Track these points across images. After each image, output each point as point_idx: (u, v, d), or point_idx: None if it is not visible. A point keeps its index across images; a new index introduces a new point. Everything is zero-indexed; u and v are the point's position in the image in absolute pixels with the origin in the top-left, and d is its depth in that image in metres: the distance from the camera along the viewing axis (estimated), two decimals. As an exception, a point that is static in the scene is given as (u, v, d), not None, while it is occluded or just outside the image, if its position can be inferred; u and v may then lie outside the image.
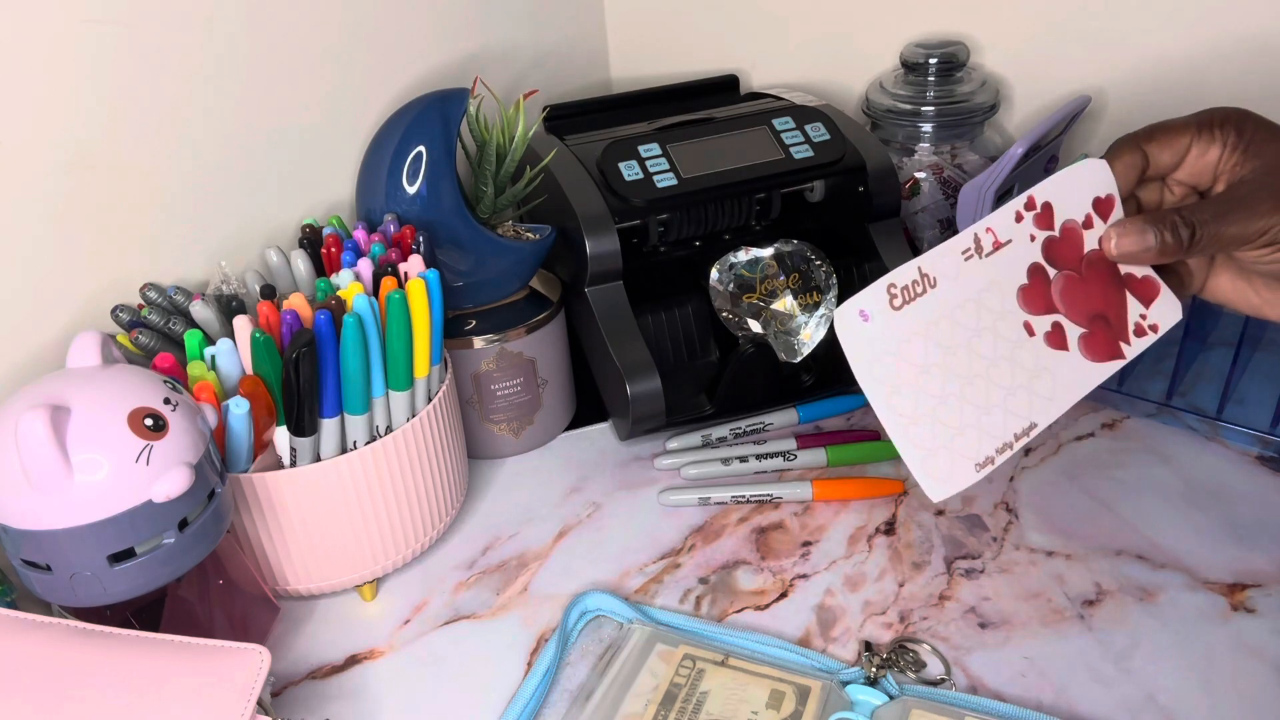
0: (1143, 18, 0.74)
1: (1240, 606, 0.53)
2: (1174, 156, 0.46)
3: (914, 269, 0.42)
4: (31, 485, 0.42)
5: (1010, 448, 0.43)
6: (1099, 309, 0.45)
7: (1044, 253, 0.44)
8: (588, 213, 0.64)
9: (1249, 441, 0.64)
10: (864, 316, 0.41)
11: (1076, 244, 0.45)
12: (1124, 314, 0.45)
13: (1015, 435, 0.43)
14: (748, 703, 0.48)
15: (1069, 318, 0.45)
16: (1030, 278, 0.44)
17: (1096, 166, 0.46)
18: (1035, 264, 0.44)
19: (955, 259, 0.43)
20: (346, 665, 0.54)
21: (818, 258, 0.70)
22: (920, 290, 0.42)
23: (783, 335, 0.69)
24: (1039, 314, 0.44)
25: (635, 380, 0.63)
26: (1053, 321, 0.44)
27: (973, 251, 0.43)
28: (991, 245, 0.44)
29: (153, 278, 0.58)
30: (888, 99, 0.79)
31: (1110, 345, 0.45)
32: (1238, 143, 0.44)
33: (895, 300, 0.42)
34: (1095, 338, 0.45)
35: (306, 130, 0.68)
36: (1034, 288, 0.44)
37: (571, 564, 0.60)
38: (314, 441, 0.53)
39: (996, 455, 0.43)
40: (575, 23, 0.90)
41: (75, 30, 0.54)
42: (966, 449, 0.42)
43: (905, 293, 0.42)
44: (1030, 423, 0.43)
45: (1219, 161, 0.45)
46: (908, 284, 0.42)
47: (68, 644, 0.42)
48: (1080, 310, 0.45)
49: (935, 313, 0.42)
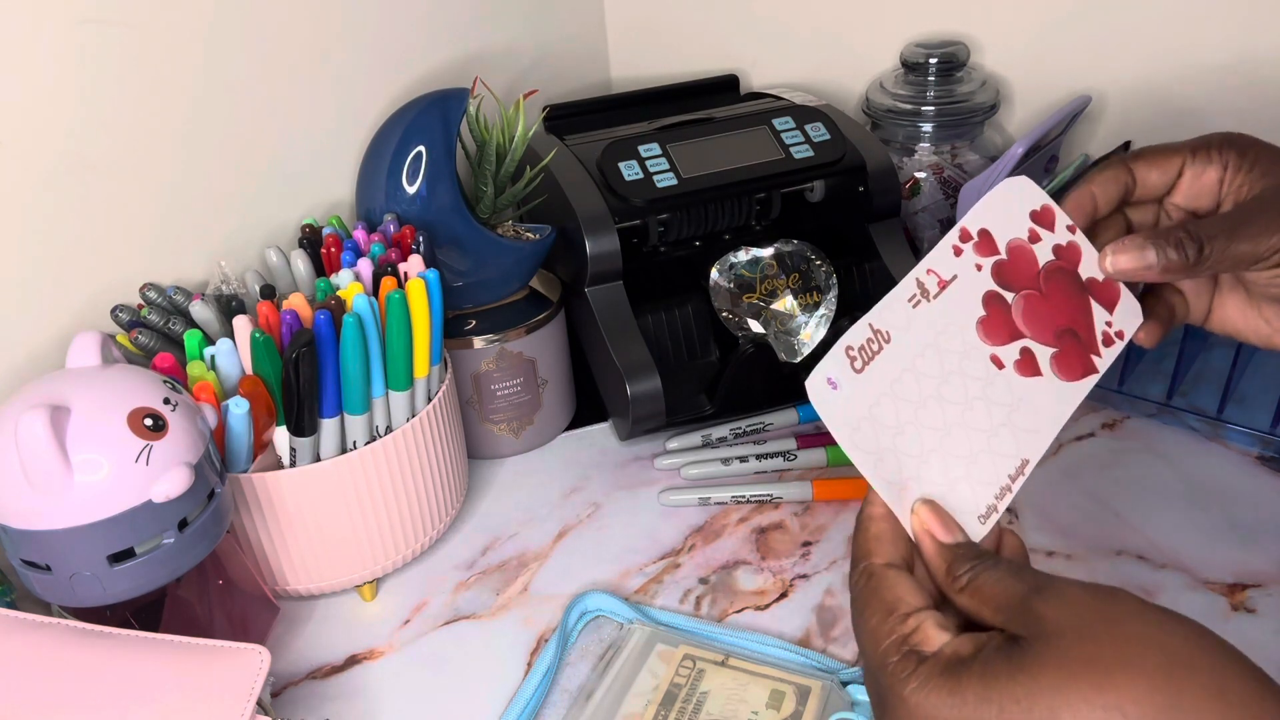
0: (1143, 18, 0.74)
1: (1240, 606, 0.53)
2: (1164, 176, 0.44)
3: (865, 327, 0.41)
4: (31, 485, 0.42)
5: (1010, 490, 0.41)
6: (1066, 323, 0.43)
7: (996, 278, 0.43)
8: (588, 213, 0.64)
9: (1249, 441, 0.64)
10: (832, 385, 0.40)
11: (1028, 260, 0.43)
12: (1091, 324, 0.44)
13: (1010, 477, 0.41)
14: (748, 703, 0.48)
15: (1037, 339, 0.43)
16: (987, 307, 0.42)
17: (1018, 183, 0.44)
18: (990, 292, 0.42)
19: (903, 308, 0.41)
20: (346, 665, 0.54)
21: (818, 258, 0.70)
22: (876, 348, 0.41)
23: (783, 335, 0.69)
24: (1004, 343, 0.42)
25: (635, 380, 0.63)
26: (1020, 348, 0.42)
27: (919, 297, 0.42)
28: (937, 286, 0.42)
29: (153, 278, 0.58)
30: (888, 99, 0.79)
31: (1083, 360, 0.43)
32: (1240, 164, 0.43)
33: (855, 363, 0.40)
34: (1067, 355, 0.43)
35: (306, 130, 0.68)
36: (993, 317, 0.42)
37: (571, 564, 0.60)
38: (314, 441, 0.53)
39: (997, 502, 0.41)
40: (575, 23, 0.90)
41: (75, 30, 0.54)
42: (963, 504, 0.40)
43: (863, 353, 0.40)
44: (1021, 459, 0.41)
45: (1221, 183, 0.43)
46: (863, 343, 0.41)
47: (68, 644, 0.42)
48: (1047, 328, 0.43)
49: (896, 368, 0.41)
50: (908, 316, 0.41)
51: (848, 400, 0.40)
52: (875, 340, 0.41)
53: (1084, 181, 0.45)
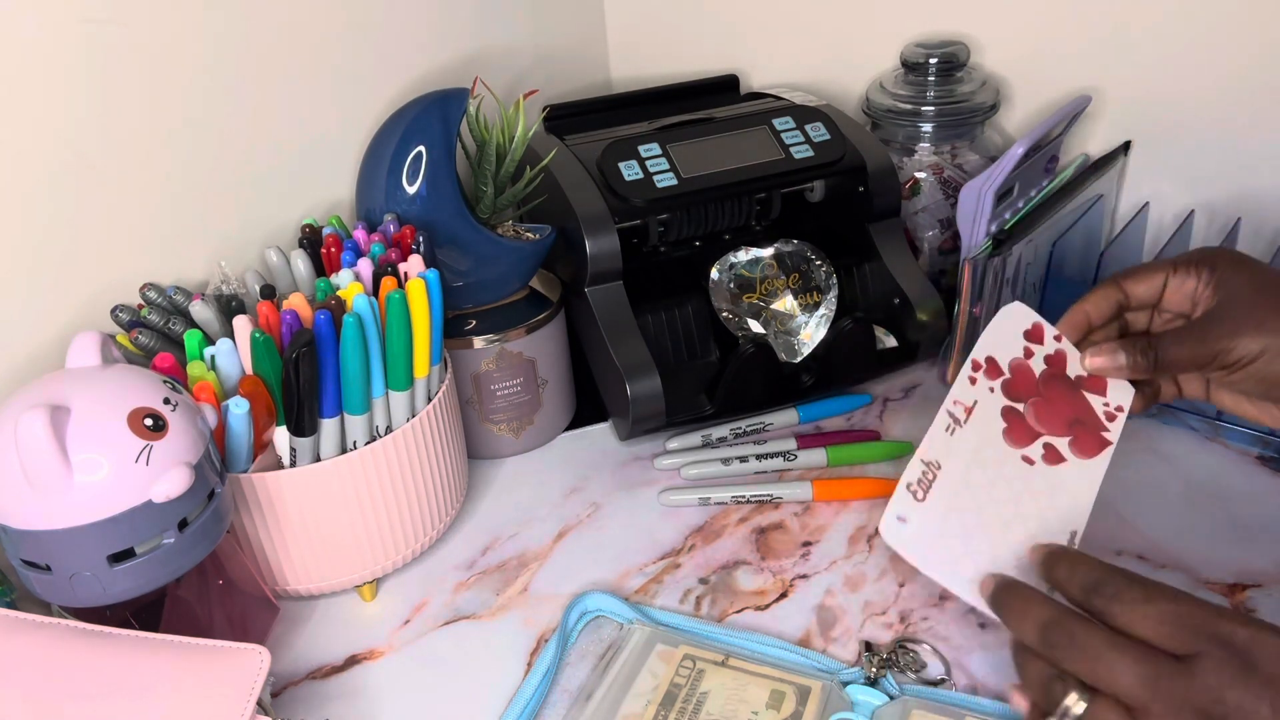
0: (1142, 18, 0.74)
1: (1240, 607, 0.53)
2: (1150, 290, 0.51)
3: (918, 463, 0.48)
4: (31, 485, 0.42)
5: None
6: (1072, 415, 0.51)
7: (1006, 394, 0.51)
8: (588, 213, 0.64)
9: (1249, 441, 0.64)
10: (902, 520, 0.47)
11: (1028, 375, 0.52)
12: (1092, 410, 0.52)
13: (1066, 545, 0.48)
14: (748, 703, 0.48)
15: (1053, 434, 0.51)
16: (1007, 419, 0.51)
17: (1014, 310, 0.53)
18: (1005, 407, 0.51)
19: (943, 438, 0.49)
20: (346, 665, 0.54)
21: (818, 258, 0.70)
22: (931, 477, 0.48)
23: (783, 335, 0.69)
24: (1028, 445, 0.50)
25: (635, 380, 0.63)
26: (1043, 444, 0.50)
27: (953, 425, 0.50)
28: (964, 413, 0.50)
29: (153, 278, 0.58)
30: (888, 99, 0.79)
31: (1096, 439, 0.51)
32: (1210, 277, 0.49)
33: (917, 495, 0.47)
34: (1081, 439, 0.51)
35: (306, 130, 0.68)
36: (1013, 426, 0.50)
37: (571, 564, 0.60)
38: (314, 441, 0.53)
39: None
40: (575, 23, 0.90)
41: (75, 30, 0.54)
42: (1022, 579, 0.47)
43: (921, 485, 0.48)
44: (1070, 532, 0.48)
45: (1194, 292, 0.50)
46: (918, 477, 0.48)
47: (68, 644, 0.42)
48: (1058, 423, 0.51)
49: (954, 486, 0.48)
50: (948, 444, 0.49)
51: (919, 528, 0.47)
52: (929, 471, 0.48)
53: (1081, 301, 0.53)
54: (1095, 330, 0.53)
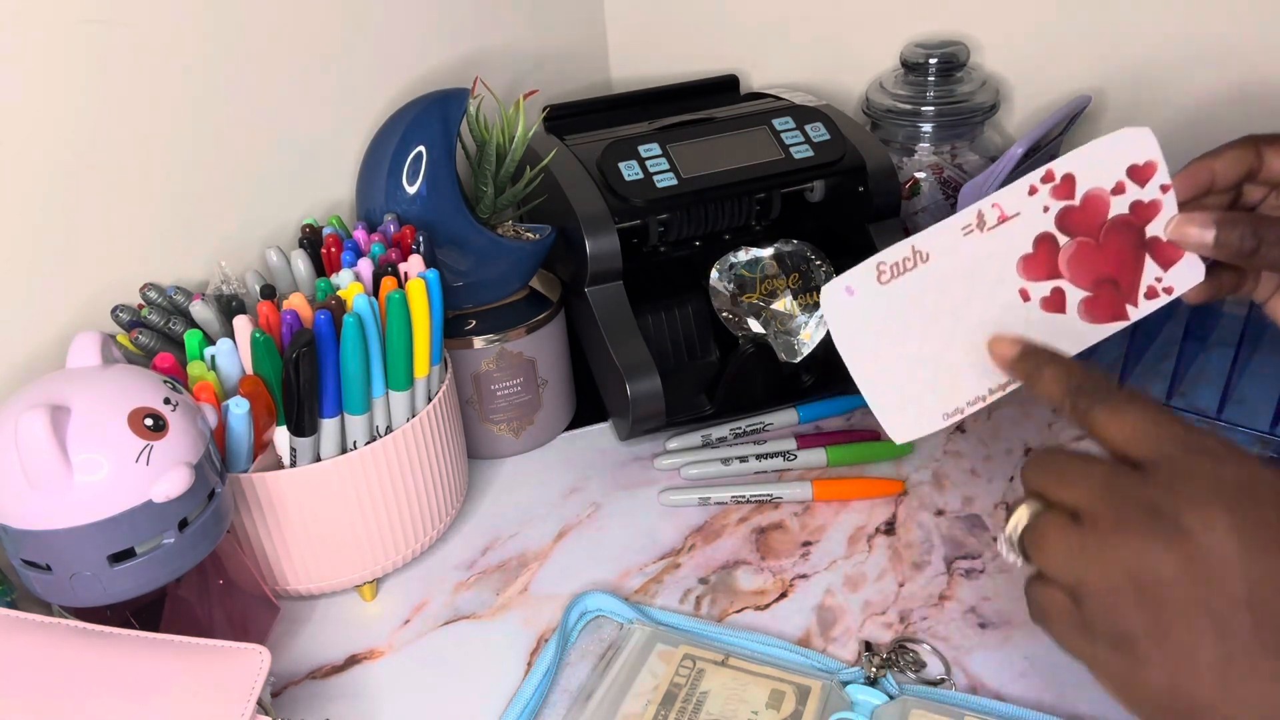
0: (1142, 17, 0.74)
1: (1240, 606, 0.53)
2: None
3: (907, 247, 0.43)
4: (31, 485, 0.42)
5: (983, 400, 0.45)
6: (1111, 273, 0.45)
7: (1058, 222, 0.45)
8: (588, 213, 0.64)
9: (1249, 441, 0.64)
10: (849, 292, 0.43)
11: (1099, 211, 0.45)
12: (1137, 278, 0.45)
13: (990, 390, 0.45)
14: (748, 703, 0.48)
15: (1073, 283, 0.45)
16: (1036, 246, 0.45)
17: (1137, 134, 0.45)
18: (1045, 233, 0.45)
19: (953, 235, 0.44)
20: (346, 665, 0.54)
21: (818, 258, 0.70)
22: (910, 265, 0.44)
23: (783, 335, 0.69)
24: (1039, 280, 0.45)
25: (635, 380, 0.63)
26: (1053, 287, 0.45)
27: (973, 227, 0.44)
28: (996, 219, 0.44)
29: (153, 278, 0.58)
30: (888, 99, 0.79)
31: (1115, 308, 0.46)
32: None
33: (883, 276, 0.43)
34: (1099, 300, 0.45)
35: (306, 130, 0.68)
36: (1038, 255, 0.45)
37: (571, 564, 0.60)
38: (314, 441, 0.53)
39: (967, 406, 0.45)
40: (575, 23, 0.90)
41: (75, 30, 0.54)
42: (936, 401, 0.44)
43: (894, 269, 0.43)
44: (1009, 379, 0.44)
45: None
46: (897, 260, 0.44)
47: (68, 644, 0.42)
48: (1088, 275, 0.45)
49: (923, 285, 0.44)
50: (954, 243, 0.44)
51: (860, 309, 0.43)
52: (912, 259, 0.43)
53: (1208, 155, 0.45)
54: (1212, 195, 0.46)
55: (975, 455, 0.66)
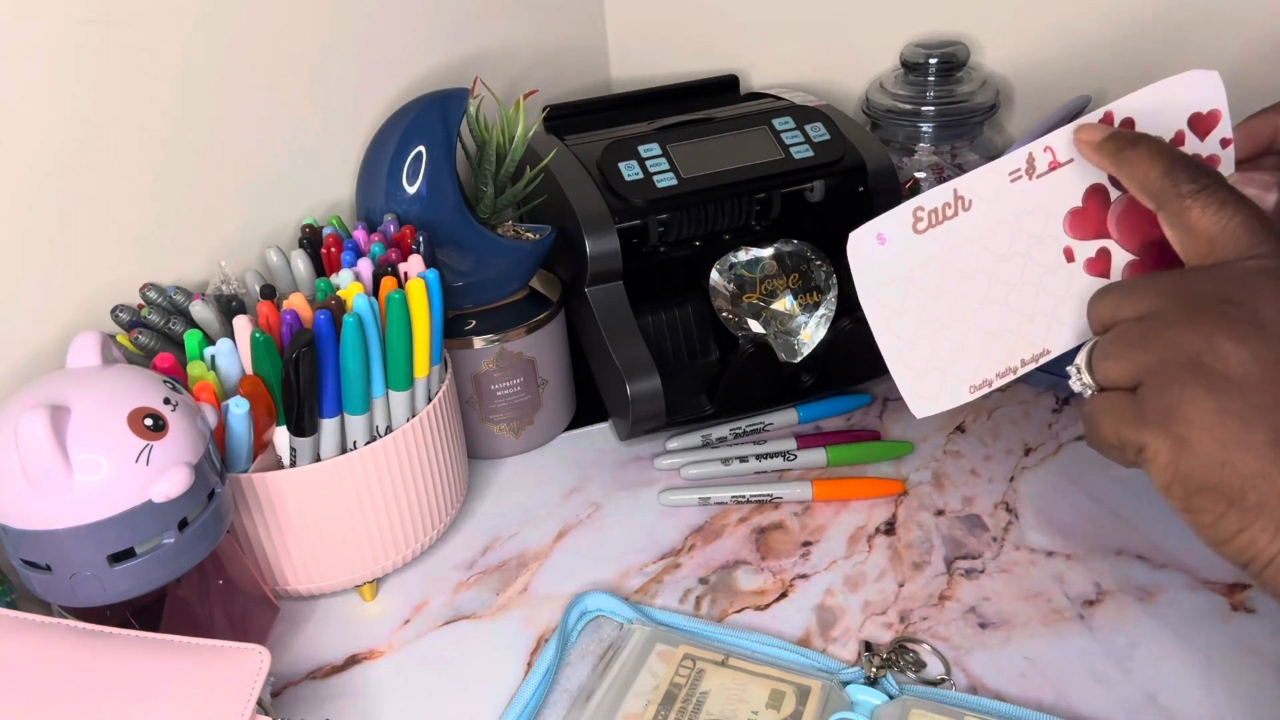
0: (1142, 18, 0.74)
1: (1240, 606, 0.53)
2: None
3: (949, 191, 0.40)
4: (31, 485, 0.42)
5: (1014, 372, 0.42)
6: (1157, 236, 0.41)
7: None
8: (588, 213, 0.64)
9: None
10: (880, 240, 0.40)
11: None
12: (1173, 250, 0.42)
13: (1023, 361, 0.42)
14: (748, 703, 0.48)
15: (1121, 243, 0.42)
16: (1086, 200, 0.42)
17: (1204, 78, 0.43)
18: (1096, 185, 0.42)
19: (999, 180, 0.41)
20: (346, 665, 0.54)
21: (818, 258, 0.70)
22: (951, 213, 0.40)
23: (783, 335, 0.69)
24: (1086, 239, 0.41)
25: (635, 380, 0.63)
26: (1099, 248, 0.42)
27: (1022, 173, 0.41)
28: (1047, 166, 0.41)
29: (153, 278, 0.58)
30: (888, 99, 0.79)
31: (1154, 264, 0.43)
32: None
33: (920, 224, 0.40)
34: (1145, 266, 0.42)
35: (306, 130, 0.68)
36: (1088, 210, 0.41)
37: (571, 564, 0.60)
38: (314, 441, 0.53)
39: (996, 379, 0.42)
40: (575, 23, 0.90)
41: (74, 30, 0.54)
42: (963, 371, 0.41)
43: (933, 216, 0.40)
44: (1043, 349, 0.42)
45: None
46: (938, 206, 0.40)
47: (68, 644, 0.42)
48: (1137, 236, 0.42)
49: (962, 236, 0.41)
50: (999, 189, 0.41)
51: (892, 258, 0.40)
52: (953, 206, 0.40)
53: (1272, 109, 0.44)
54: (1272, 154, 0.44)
55: (975, 455, 0.66)
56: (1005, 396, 0.71)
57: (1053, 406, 0.70)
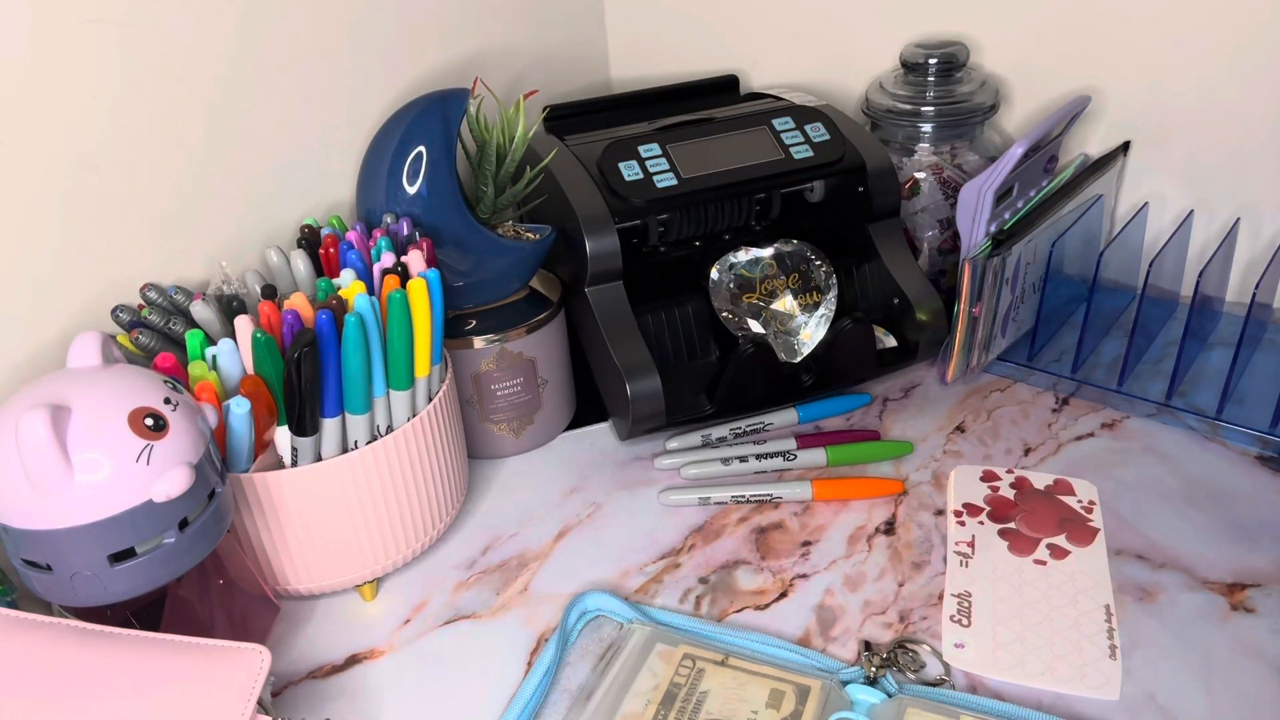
0: (1142, 18, 0.74)
1: (1240, 606, 0.53)
2: None
3: (950, 599, 0.54)
4: (32, 485, 0.42)
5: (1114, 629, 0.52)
6: (1057, 516, 0.59)
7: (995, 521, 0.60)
8: (588, 213, 0.64)
9: (1249, 441, 0.64)
10: (960, 646, 0.51)
11: (1004, 501, 0.61)
12: (1071, 509, 0.60)
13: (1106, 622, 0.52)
14: (748, 702, 0.48)
15: (1049, 536, 0.58)
16: (1007, 538, 0.58)
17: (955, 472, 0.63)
18: (1000, 529, 0.59)
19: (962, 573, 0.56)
20: (346, 665, 0.54)
21: (818, 258, 0.70)
22: (968, 605, 0.54)
23: (783, 335, 0.69)
24: (1034, 551, 0.57)
25: (635, 380, 0.63)
26: (1046, 546, 0.57)
27: (964, 560, 0.57)
28: (968, 548, 0.58)
29: (153, 278, 0.58)
30: (888, 99, 0.79)
31: (1086, 529, 0.58)
32: None
33: (963, 622, 0.53)
34: (1074, 533, 0.58)
35: (306, 130, 0.68)
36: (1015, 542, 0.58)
37: (571, 564, 0.60)
38: (315, 441, 0.53)
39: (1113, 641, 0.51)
40: (575, 23, 0.90)
41: (76, 31, 0.54)
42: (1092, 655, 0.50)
43: (963, 613, 0.53)
44: (1104, 605, 0.53)
45: None
46: (957, 608, 0.54)
47: (68, 644, 0.42)
48: (1049, 526, 0.59)
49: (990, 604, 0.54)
50: (968, 575, 0.56)
51: (979, 648, 0.51)
52: (963, 601, 0.54)
53: None
54: None
55: (975, 455, 0.66)
56: (1005, 396, 0.71)
57: (1052, 406, 0.70)
